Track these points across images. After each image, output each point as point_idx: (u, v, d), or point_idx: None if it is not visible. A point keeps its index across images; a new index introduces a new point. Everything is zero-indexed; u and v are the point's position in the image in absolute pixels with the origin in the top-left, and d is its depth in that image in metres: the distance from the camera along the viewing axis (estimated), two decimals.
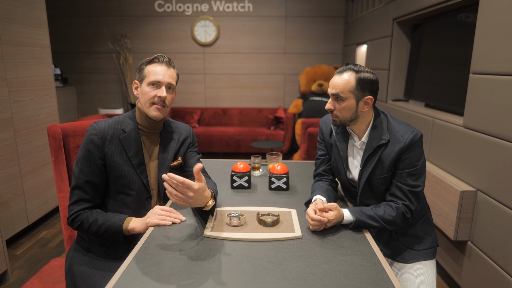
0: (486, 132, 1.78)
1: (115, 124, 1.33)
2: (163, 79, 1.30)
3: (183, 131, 1.50)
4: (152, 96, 1.30)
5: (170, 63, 1.34)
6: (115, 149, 1.30)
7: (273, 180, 1.59)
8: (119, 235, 1.23)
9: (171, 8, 5.03)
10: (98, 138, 1.27)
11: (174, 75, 1.36)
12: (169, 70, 1.32)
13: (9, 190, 2.45)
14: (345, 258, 1.04)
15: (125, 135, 1.32)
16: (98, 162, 1.26)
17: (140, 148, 1.34)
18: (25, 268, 2.27)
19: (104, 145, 1.28)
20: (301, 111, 4.69)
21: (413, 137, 1.24)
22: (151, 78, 1.30)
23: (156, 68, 1.31)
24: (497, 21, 1.71)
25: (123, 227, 1.21)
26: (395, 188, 1.28)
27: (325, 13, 5.06)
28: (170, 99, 1.35)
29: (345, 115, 1.28)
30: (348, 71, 1.26)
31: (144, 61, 1.34)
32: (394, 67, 3.19)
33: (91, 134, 1.28)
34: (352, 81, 1.24)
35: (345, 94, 1.25)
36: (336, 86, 1.27)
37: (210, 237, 1.15)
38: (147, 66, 1.32)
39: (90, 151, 1.26)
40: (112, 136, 1.30)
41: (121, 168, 1.30)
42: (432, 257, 1.36)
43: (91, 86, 5.29)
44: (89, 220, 1.22)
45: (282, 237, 1.15)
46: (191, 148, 1.51)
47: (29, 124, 2.65)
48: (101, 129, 1.29)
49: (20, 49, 2.55)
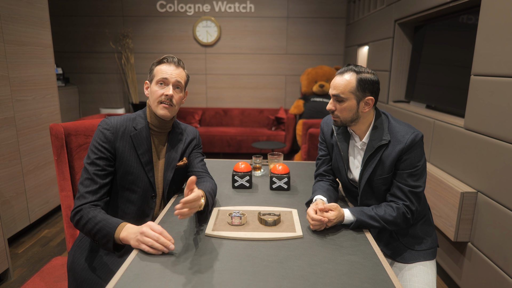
0: (487, 134, 1.79)
1: (127, 121, 1.36)
2: (170, 78, 1.33)
3: (190, 133, 1.53)
4: (160, 95, 1.32)
5: (179, 63, 1.37)
6: (126, 145, 1.32)
7: (274, 180, 1.59)
8: (110, 238, 1.11)
9: (173, 8, 5.04)
10: (110, 133, 1.29)
11: (183, 75, 1.37)
12: (177, 70, 1.35)
13: (11, 189, 2.46)
14: (345, 258, 1.05)
15: (136, 133, 1.34)
16: (108, 156, 1.28)
17: (150, 147, 1.37)
18: (26, 267, 2.28)
19: (116, 141, 1.30)
20: (302, 112, 4.70)
21: (414, 138, 1.24)
22: (159, 76, 1.33)
23: (165, 67, 1.34)
24: (499, 23, 1.71)
25: (116, 230, 1.11)
26: (396, 188, 1.28)
27: (327, 14, 5.07)
28: (178, 98, 1.37)
29: (346, 116, 1.29)
30: (349, 71, 1.27)
31: (155, 61, 1.37)
32: (396, 68, 3.20)
33: (104, 128, 1.30)
34: (353, 81, 1.25)
35: (346, 95, 1.26)
36: (337, 86, 1.27)
37: (211, 236, 1.16)
38: (156, 66, 1.36)
39: (102, 144, 1.27)
40: (124, 132, 1.32)
41: (130, 164, 1.32)
42: (432, 257, 1.36)
43: (93, 86, 5.30)
44: (88, 216, 1.16)
45: (283, 236, 1.15)
46: (196, 150, 1.54)
47: (31, 123, 2.66)
48: (113, 124, 1.32)
49: (23, 49, 2.57)
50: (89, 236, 1.17)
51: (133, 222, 1.32)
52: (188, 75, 1.43)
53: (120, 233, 1.10)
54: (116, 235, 1.10)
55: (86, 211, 1.18)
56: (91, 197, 1.21)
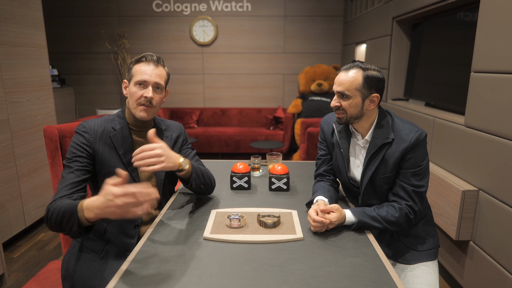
0: (488, 131, 1.77)
1: (105, 122, 1.31)
2: (150, 79, 1.26)
3: (174, 129, 1.48)
4: (139, 96, 1.26)
5: (158, 61, 1.30)
6: (105, 146, 1.27)
7: (274, 180, 1.56)
8: (74, 219, 0.98)
9: (169, 8, 5.01)
10: (88, 135, 1.25)
11: (163, 74, 1.31)
12: (157, 69, 1.28)
13: (6, 192, 2.42)
14: (347, 260, 1.02)
15: (115, 133, 1.29)
16: (86, 154, 1.23)
17: (131, 146, 1.32)
18: (22, 271, 2.24)
19: (95, 142, 1.25)
20: (301, 111, 4.68)
21: (418, 136, 1.22)
22: (138, 77, 1.26)
23: (144, 67, 1.27)
24: (499, 19, 1.69)
25: (78, 206, 0.99)
26: (399, 188, 1.26)
27: (324, 12, 5.04)
28: (158, 99, 1.30)
29: (352, 112, 1.25)
30: (355, 68, 1.23)
31: (133, 60, 1.30)
32: (394, 66, 3.18)
33: (81, 131, 1.25)
34: (359, 78, 1.22)
35: (351, 92, 1.23)
36: (342, 83, 1.24)
37: (209, 239, 1.13)
38: (135, 66, 1.29)
39: (79, 144, 1.23)
40: (103, 133, 1.28)
41: (111, 165, 1.27)
42: (434, 258, 1.34)
43: (89, 87, 5.26)
44: (53, 207, 1.04)
45: (283, 239, 1.13)
46: (185, 146, 1.50)
47: (26, 125, 2.62)
48: (91, 126, 1.27)
49: (17, 50, 2.53)
50: (59, 228, 1.04)
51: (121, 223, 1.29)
52: (169, 73, 1.37)
53: (83, 205, 0.98)
54: (80, 212, 0.98)
55: (53, 205, 1.06)
56: (63, 192, 1.11)
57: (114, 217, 0.91)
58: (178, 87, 5.25)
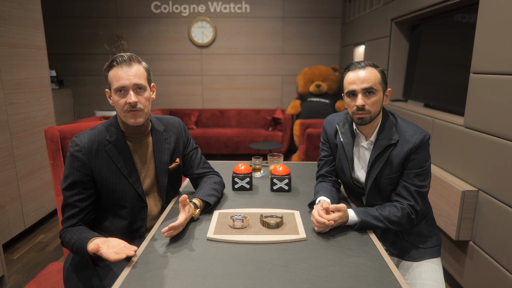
0: (487, 132, 1.78)
1: (99, 135, 1.23)
2: (127, 83, 1.17)
3: (174, 129, 1.41)
4: (123, 104, 1.19)
5: (131, 60, 1.19)
6: (103, 162, 1.21)
7: (275, 181, 1.57)
8: (86, 256, 1.08)
9: (168, 9, 5.01)
10: (83, 154, 1.19)
11: (140, 72, 1.20)
12: (131, 70, 1.18)
13: (6, 194, 2.41)
14: (351, 260, 1.03)
15: (110, 146, 1.23)
16: (86, 179, 1.19)
17: (130, 156, 1.26)
18: (22, 273, 2.23)
19: (90, 161, 1.19)
20: (299, 112, 4.69)
21: (422, 138, 1.24)
22: (115, 85, 1.18)
23: (117, 72, 1.17)
24: (498, 20, 1.71)
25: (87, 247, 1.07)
26: (402, 188, 1.27)
27: (322, 14, 5.06)
28: (144, 100, 1.21)
29: (376, 110, 1.25)
30: (368, 66, 1.26)
31: (105, 67, 1.20)
32: (393, 67, 3.19)
33: (75, 150, 1.18)
34: (378, 74, 1.25)
35: (377, 87, 1.24)
36: (367, 79, 1.23)
37: (213, 240, 1.14)
38: (108, 73, 1.19)
39: (76, 169, 1.18)
40: (98, 149, 1.21)
41: (111, 181, 1.23)
42: (438, 255, 1.36)
43: (88, 88, 5.25)
44: (66, 239, 1.14)
45: (287, 239, 1.13)
46: (188, 149, 1.46)
47: (25, 126, 2.61)
48: (84, 144, 1.19)
49: (16, 51, 2.52)
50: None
51: (126, 235, 1.30)
52: (148, 68, 1.25)
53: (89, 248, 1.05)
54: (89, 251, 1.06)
55: (68, 234, 1.15)
56: (71, 221, 1.18)
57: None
58: (177, 88, 5.25)
